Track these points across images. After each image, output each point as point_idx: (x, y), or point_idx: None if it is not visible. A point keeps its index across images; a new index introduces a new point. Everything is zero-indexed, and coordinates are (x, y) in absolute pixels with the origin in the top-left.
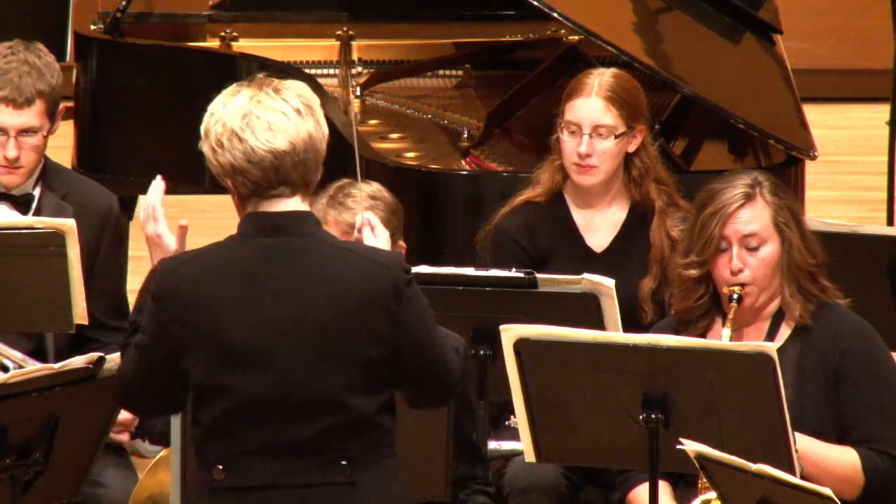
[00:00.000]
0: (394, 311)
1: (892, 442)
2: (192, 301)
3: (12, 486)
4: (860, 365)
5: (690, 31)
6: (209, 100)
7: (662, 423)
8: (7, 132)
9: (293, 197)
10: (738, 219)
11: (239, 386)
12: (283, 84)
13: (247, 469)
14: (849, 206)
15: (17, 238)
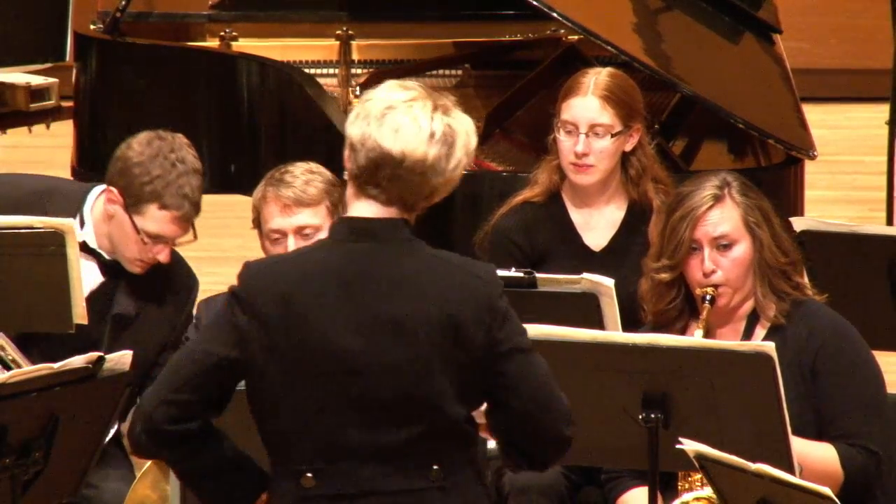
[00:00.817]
0: (488, 324)
1: (869, 436)
2: (284, 304)
3: (12, 486)
4: (835, 361)
5: (690, 31)
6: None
7: (662, 423)
8: (165, 240)
9: (388, 207)
10: (707, 220)
11: (328, 391)
12: (448, 108)
13: (338, 476)
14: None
15: (16, 238)
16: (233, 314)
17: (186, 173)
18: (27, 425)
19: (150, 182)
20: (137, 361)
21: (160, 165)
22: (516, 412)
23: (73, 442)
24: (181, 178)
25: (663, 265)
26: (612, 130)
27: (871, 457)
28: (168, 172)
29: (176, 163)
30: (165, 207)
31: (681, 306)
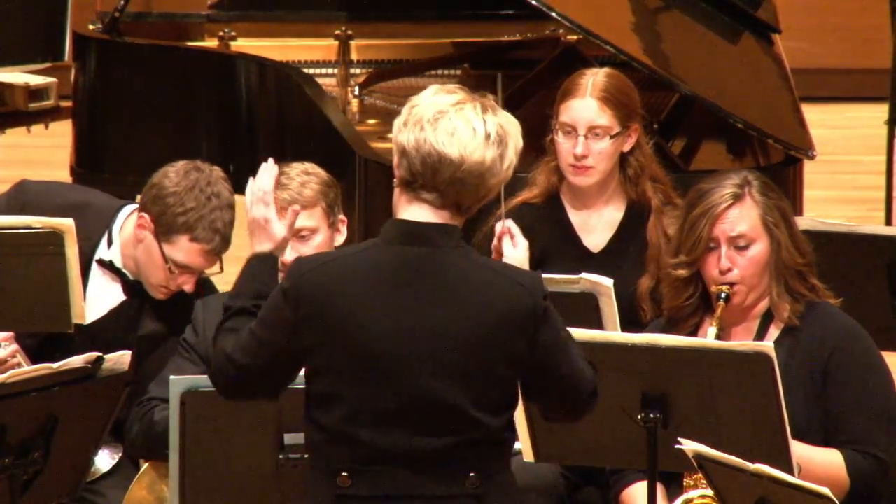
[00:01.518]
0: (531, 333)
1: (878, 444)
2: (331, 303)
3: (11, 486)
4: (848, 366)
5: (689, 31)
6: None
7: (661, 423)
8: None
9: (442, 210)
10: (726, 219)
11: (371, 393)
12: (495, 108)
13: (373, 478)
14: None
15: (15, 238)
16: (281, 308)
17: (220, 208)
18: (26, 425)
19: (184, 213)
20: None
21: (195, 198)
22: (550, 395)
23: (73, 442)
24: (214, 212)
25: (681, 261)
26: (610, 132)
27: (879, 464)
28: (202, 206)
29: (211, 196)
30: (196, 240)
31: (697, 303)
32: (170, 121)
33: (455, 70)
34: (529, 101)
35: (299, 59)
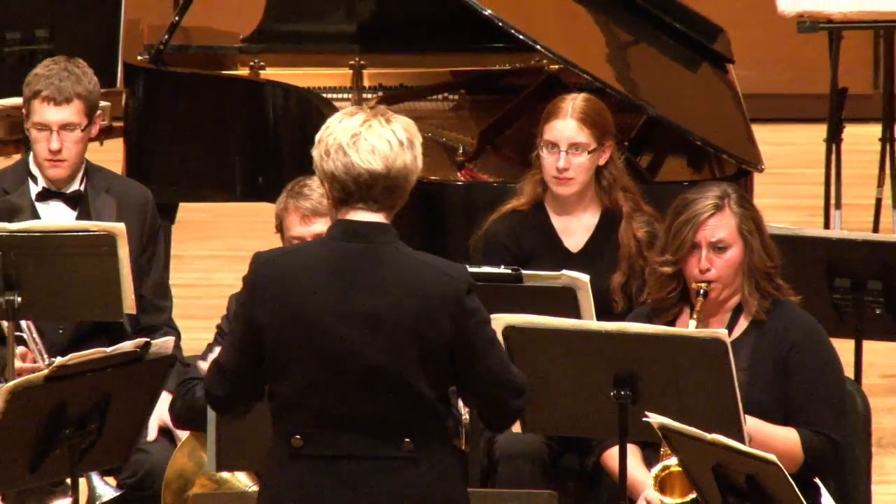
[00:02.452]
0: (456, 317)
1: (829, 426)
2: (283, 289)
3: (70, 453)
4: (806, 357)
5: (655, 61)
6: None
7: (630, 399)
8: (49, 127)
9: (377, 213)
10: (708, 226)
11: (316, 364)
12: (394, 116)
13: (321, 440)
14: (791, 212)
15: (74, 240)
16: (246, 300)
17: (62, 70)
18: (83, 401)
19: (35, 82)
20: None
21: (46, 68)
22: (477, 389)
23: (124, 415)
24: (54, 74)
25: (666, 260)
26: (588, 148)
27: (830, 443)
28: (50, 74)
29: (52, 66)
30: (44, 99)
31: (678, 296)
32: (206, 138)
33: (453, 95)
34: (517, 121)
35: (319, 86)
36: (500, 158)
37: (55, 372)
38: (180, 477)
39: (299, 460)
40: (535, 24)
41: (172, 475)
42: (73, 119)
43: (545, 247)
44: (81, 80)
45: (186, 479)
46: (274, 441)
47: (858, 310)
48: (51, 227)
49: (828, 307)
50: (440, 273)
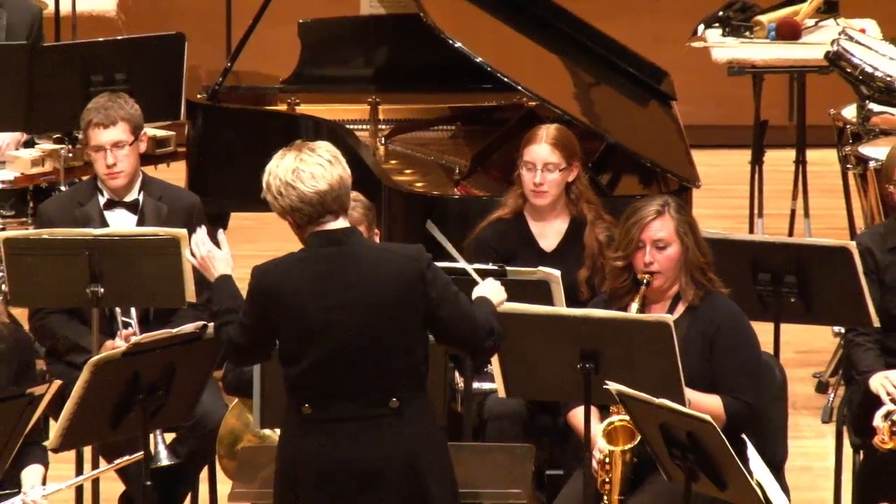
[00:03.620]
0: (422, 288)
1: (747, 393)
2: (281, 293)
3: (143, 414)
4: (729, 338)
5: (613, 98)
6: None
7: (593, 371)
8: (104, 147)
9: (337, 219)
10: (651, 228)
11: (316, 351)
12: (315, 144)
13: (325, 407)
14: (722, 220)
15: (146, 242)
16: (256, 304)
17: (106, 100)
18: (153, 372)
19: (85, 114)
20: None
21: (94, 102)
22: (453, 337)
23: (186, 383)
24: (101, 104)
25: (619, 255)
26: (559, 167)
27: (747, 407)
28: (97, 105)
29: (99, 99)
30: (94, 125)
31: (629, 286)
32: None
33: (451, 126)
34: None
35: (343, 119)
36: (489, 177)
37: (131, 348)
38: (231, 434)
39: (308, 423)
40: (516, 68)
41: (225, 433)
42: (121, 137)
43: (525, 247)
44: (123, 107)
45: (236, 435)
46: (289, 408)
47: (777, 299)
48: (127, 232)
49: (752, 297)
50: (402, 257)
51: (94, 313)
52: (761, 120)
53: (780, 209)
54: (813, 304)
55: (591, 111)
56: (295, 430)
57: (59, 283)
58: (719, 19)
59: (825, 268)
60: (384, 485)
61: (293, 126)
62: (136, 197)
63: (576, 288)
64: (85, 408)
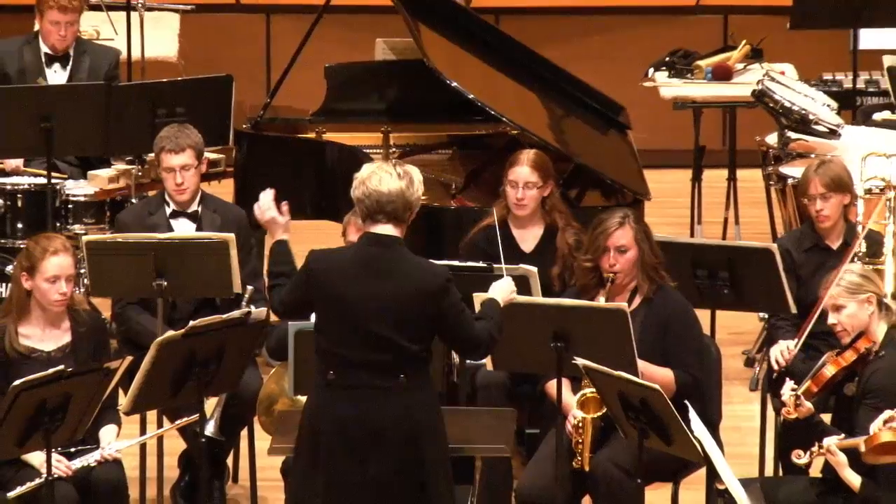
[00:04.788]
0: (437, 301)
1: (694, 367)
2: (326, 278)
3: (198, 385)
4: (679, 323)
5: (579, 127)
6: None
7: (564, 349)
8: (174, 169)
9: (388, 224)
10: (614, 236)
11: (344, 327)
12: (400, 162)
13: (347, 375)
14: (669, 227)
15: (201, 244)
16: (306, 281)
17: (176, 131)
18: (207, 350)
19: (158, 142)
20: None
21: (165, 132)
22: (451, 344)
23: (233, 360)
24: (172, 133)
25: (588, 258)
26: (536, 185)
27: (693, 380)
28: (168, 134)
29: (169, 129)
30: (166, 151)
31: (596, 282)
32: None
33: (448, 150)
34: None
35: (360, 144)
36: (480, 192)
37: (189, 331)
38: (268, 398)
39: (331, 388)
40: (501, 103)
41: (263, 397)
42: (188, 161)
43: (508, 249)
44: (190, 136)
45: (273, 399)
46: (316, 375)
47: (713, 291)
48: (186, 236)
49: (693, 289)
50: (429, 273)
51: (158, 302)
52: (700, 145)
53: (715, 218)
54: (742, 295)
55: (562, 138)
56: (321, 391)
57: (130, 278)
58: (666, 64)
59: (752, 265)
60: (388, 440)
61: (320, 150)
62: (195, 208)
63: (550, 282)
64: (151, 379)
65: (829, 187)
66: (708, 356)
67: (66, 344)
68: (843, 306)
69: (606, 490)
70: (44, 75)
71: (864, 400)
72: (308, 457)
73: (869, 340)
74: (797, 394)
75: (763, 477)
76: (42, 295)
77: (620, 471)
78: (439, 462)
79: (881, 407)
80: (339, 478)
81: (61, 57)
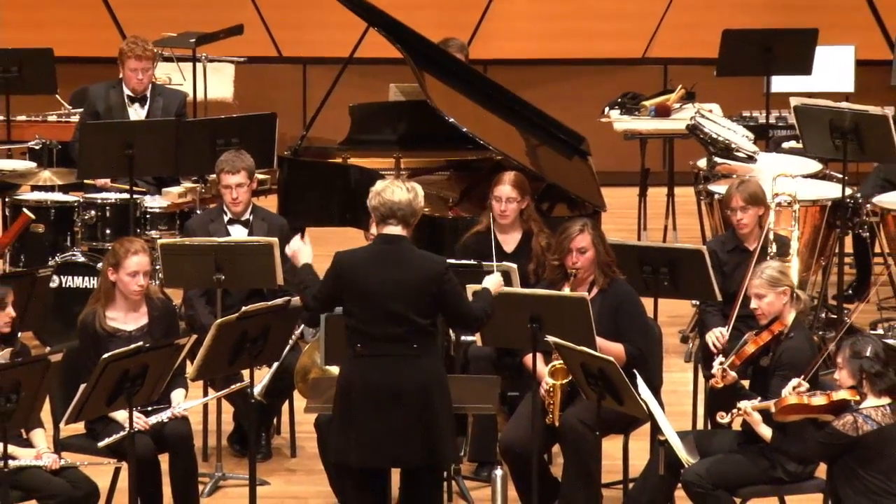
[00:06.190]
0: (438, 284)
1: (641, 343)
2: (350, 272)
3: (249, 356)
4: (628, 308)
5: (550, 154)
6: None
7: (538, 329)
8: (231, 186)
9: (398, 226)
10: (576, 240)
11: (367, 309)
12: (409, 180)
13: (371, 347)
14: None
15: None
16: (333, 276)
17: (233, 155)
18: (256, 330)
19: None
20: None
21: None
22: (449, 320)
23: (276, 338)
24: (230, 157)
25: (556, 257)
26: (516, 200)
27: (640, 353)
28: (225, 157)
29: (227, 153)
30: (224, 172)
31: (563, 276)
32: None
33: (446, 172)
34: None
35: (377, 167)
36: (471, 204)
37: (242, 315)
38: (304, 369)
39: (360, 358)
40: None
41: (300, 367)
42: (242, 180)
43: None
44: (244, 160)
45: (307, 369)
46: (348, 348)
47: (655, 283)
48: (240, 240)
49: (640, 282)
50: (429, 260)
51: (217, 292)
52: (645, 168)
53: (657, 226)
54: (678, 286)
55: (536, 162)
56: (351, 361)
57: (195, 273)
58: (618, 104)
59: (686, 263)
60: (406, 399)
61: (345, 172)
62: (248, 217)
63: (527, 276)
64: (212, 352)
65: (747, 201)
66: (651, 334)
67: (143, 325)
68: (763, 295)
69: (572, 440)
70: (126, 113)
71: (777, 371)
72: (342, 415)
73: (781, 324)
74: (724, 367)
75: (695, 430)
76: (124, 286)
77: (583, 425)
78: (446, 413)
79: (790, 377)
80: (367, 428)
81: (140, 98)
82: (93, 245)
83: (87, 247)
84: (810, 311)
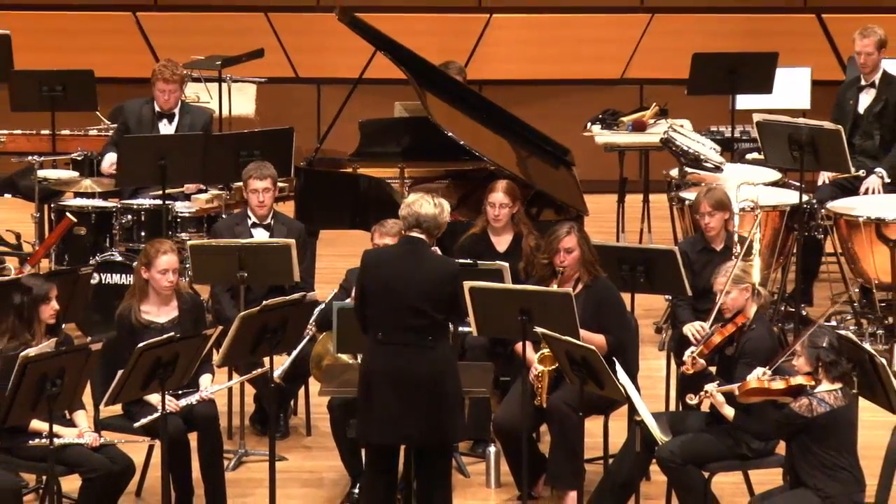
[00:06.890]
0: (448, 284)
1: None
2: (375, 270)
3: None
4: (608, 302)
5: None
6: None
7: (528, 321)
8: (257, 191)
9: (420, 233)
10: (563, 241)
11: (388, 305)
12: (435, 196)
13: (390, 336)
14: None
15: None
16: (361, 275)
17: (260, 164)
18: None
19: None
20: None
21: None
22: (454, 314)
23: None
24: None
25: (545, 256)
26: (508, 205)
27: (620, 342)
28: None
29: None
30: (252, 178)
31: (550, 273)
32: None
33: (445, 180)
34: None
35: (384, 176)
36: (468, 209)
37: (263, 308)
38: (318, 356)
39: (380, 345)
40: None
41: (314, 355)
42: (267, 186)
43: (488, 250)
44: (269, 169)
45: (321, 357)
46: (370, 337)
47: (633, 279)
48: (261, 241)
49: (619, 279)
50: (445, 263)
51: (241, 288)
52: (623, 177)
53: (634, 229)
54: (653, 283)
55: (526, 171)
56: (373, 349)
57: (221, 271)
58: (599, 120)
59: (660, 262)
60: (422, 385)
61: (355, 181)
62: (269, 221)
63: (517, 274)
64: (236, 341)
65: (714, 207)
66: (629, 326)
67: (174, 318)
68: (729, 291)
69: (558, 420)
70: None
71: (741, 359)
72: (364, 397)
73: (744, 317)
74: (693, 355)
75: (668, 412)
76: (156, 283)
77: (568, 407)
78: (455, 396)
79: (752, 364)
80: (386, 410)
81: (169, 114)
82: (129, 246)
83: (125, 247)
84: (770, 305)
